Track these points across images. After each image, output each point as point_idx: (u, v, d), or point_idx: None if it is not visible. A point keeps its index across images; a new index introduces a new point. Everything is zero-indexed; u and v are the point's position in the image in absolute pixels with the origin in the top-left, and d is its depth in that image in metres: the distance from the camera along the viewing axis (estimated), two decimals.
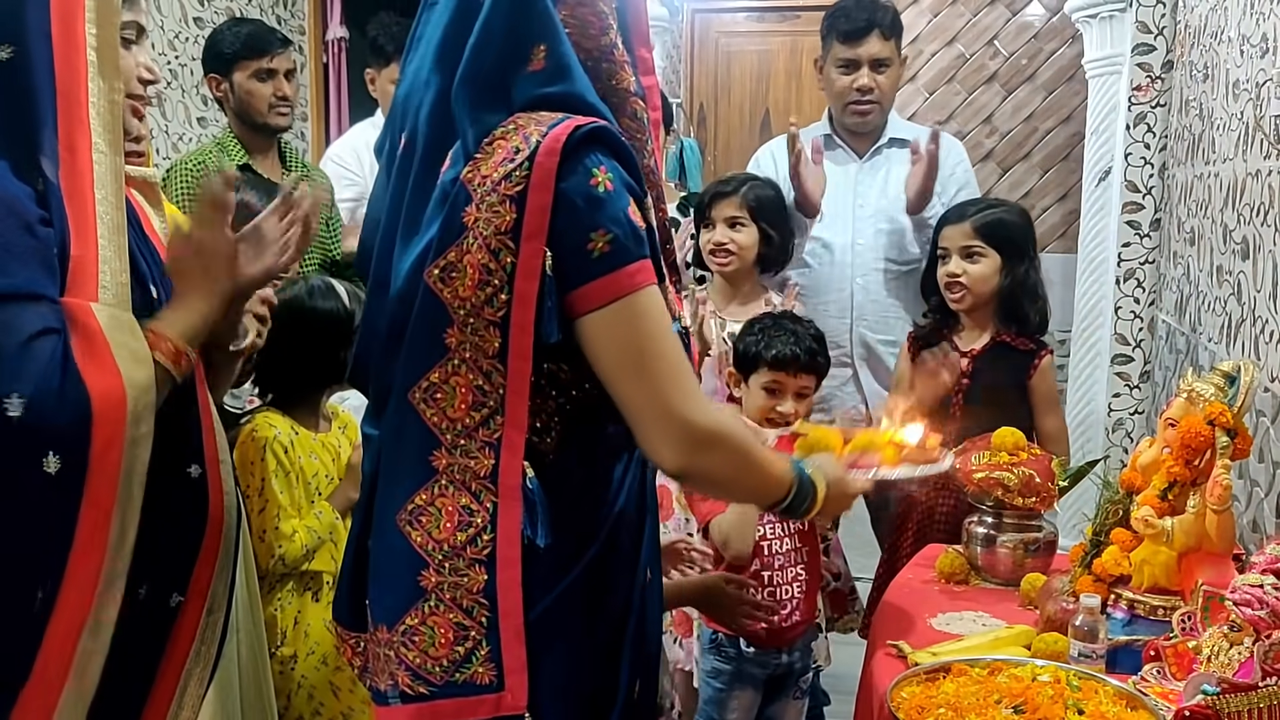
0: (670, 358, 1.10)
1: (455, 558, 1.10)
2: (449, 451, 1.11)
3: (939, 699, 1.34)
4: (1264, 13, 2.14)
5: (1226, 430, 1.48)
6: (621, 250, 1.06)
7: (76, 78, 1.22)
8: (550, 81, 1.10)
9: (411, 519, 1.12)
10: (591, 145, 1.06)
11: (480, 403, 1.09)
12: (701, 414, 1.11)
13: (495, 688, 1.09)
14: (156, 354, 1.23)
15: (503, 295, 1.06)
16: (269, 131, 2.70)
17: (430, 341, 1.10)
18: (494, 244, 1.06)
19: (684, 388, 1.10)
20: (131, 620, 1.27)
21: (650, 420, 1.10)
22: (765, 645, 1.97)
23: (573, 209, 1.05)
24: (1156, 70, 3.18)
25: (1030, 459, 1.92)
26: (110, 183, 1.25)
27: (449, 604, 1.10)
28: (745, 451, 1.18)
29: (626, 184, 1.09)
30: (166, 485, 1.31)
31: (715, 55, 5.25)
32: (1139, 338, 3.30)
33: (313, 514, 1.86)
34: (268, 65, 2.64)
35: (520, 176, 1.05)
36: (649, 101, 1.20)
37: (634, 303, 1.07)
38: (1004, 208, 2.38)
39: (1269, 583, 1.27)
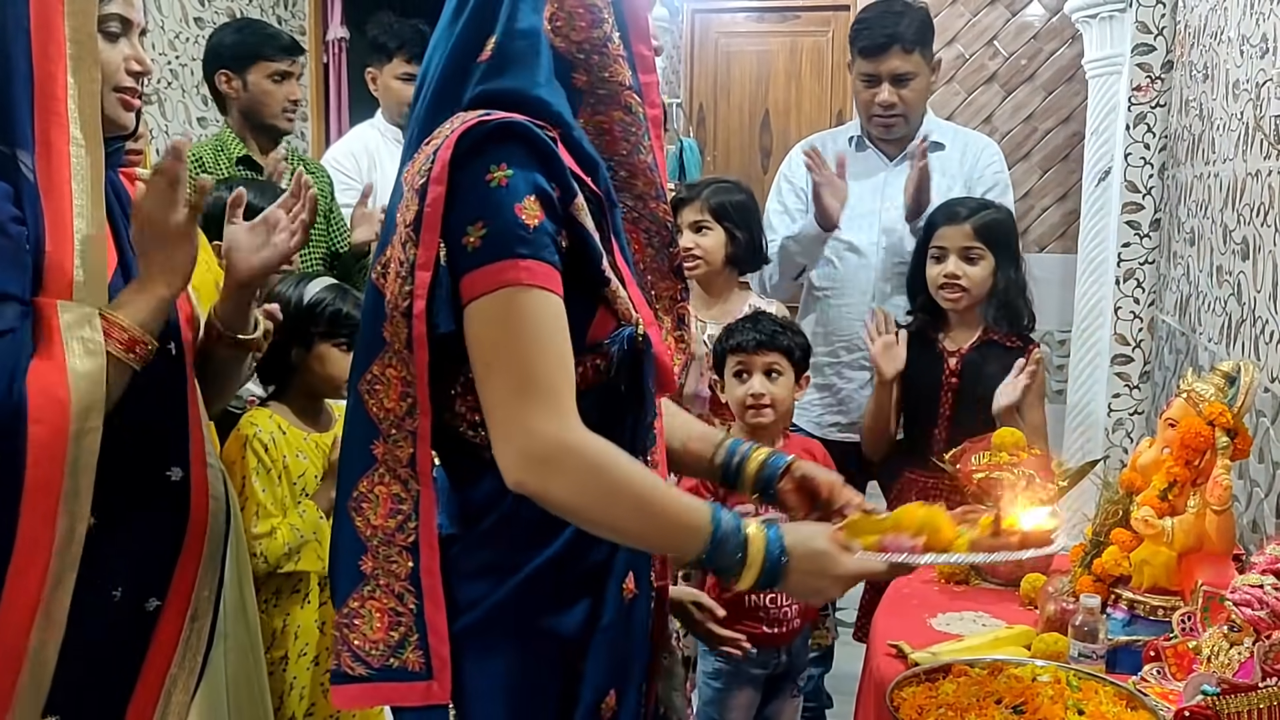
0: (531, 363, 1.05)
1: (388, 544, 1.13)
2: (384, 440, 1.13)
3: (939, 699, 1.34)
4: (1264, 13, 2.14)
5: (1226, 430, 1.48)
6: (495, 245, 1.04)
7: (54, 72, 1.22)
8: (492, 75, 1.10)
9: (356, 505, 1.15)
10: (503, 141, 1.06)
11: (406, 393, 1.11)
12: (552, 428, 1.04)
13: (424, 675, 1.12)
14: (110, 343, 1.22)
15: (407, 286, 1.08)
16: (273, 133, 2.70)
17: (372, 335, 1.13)
18: (404, 236, 1.08)
19: (540, 397, 1.04)
20: (107, 623, 1.28)
21: (493, 424, 1.07)
22: (765, 645, 1.97)
23: (462, 202, 1.06)
24: (1156, 70, 3.18)
25: (1030, 459, 1.92)
26: (88, 175, 1.25)
27: (384, 589, 1.13)
28: (611, 482, 1.07)
29: (532, 183, 1.06)
30: (144, 487, 1.31)
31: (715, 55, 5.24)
32: (1139, 338, 3.30)
33: (296, 513, 1.85)
34: (285, 69, 2.65)
35: (425, 170, 1.07)
36: (647, 98, 1.19)
37: (500, 299, 1.05)
38: (994, 208, 2.39)
39: (1269, 583, 1.27)
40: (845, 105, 4.96)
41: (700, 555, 1.11)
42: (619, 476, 1.09)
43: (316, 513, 1.86)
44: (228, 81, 2.67)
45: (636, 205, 1.23)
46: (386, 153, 3.08)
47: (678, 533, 1.12)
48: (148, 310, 1.27)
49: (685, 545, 1.12)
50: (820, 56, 5.12)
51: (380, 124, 3.19)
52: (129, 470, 1.28)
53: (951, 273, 2.30)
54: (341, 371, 1.90)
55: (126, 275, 1.32)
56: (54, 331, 1.19)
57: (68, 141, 1.23)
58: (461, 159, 1.05)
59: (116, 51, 1.31)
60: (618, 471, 1.09)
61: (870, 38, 2.60)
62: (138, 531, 1.31)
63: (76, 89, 1.24)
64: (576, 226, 1.10)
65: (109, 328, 1.23)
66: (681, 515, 1.12)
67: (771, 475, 1.35)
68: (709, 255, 2.42)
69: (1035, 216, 4.36)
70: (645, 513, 1.10)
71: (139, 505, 1.30)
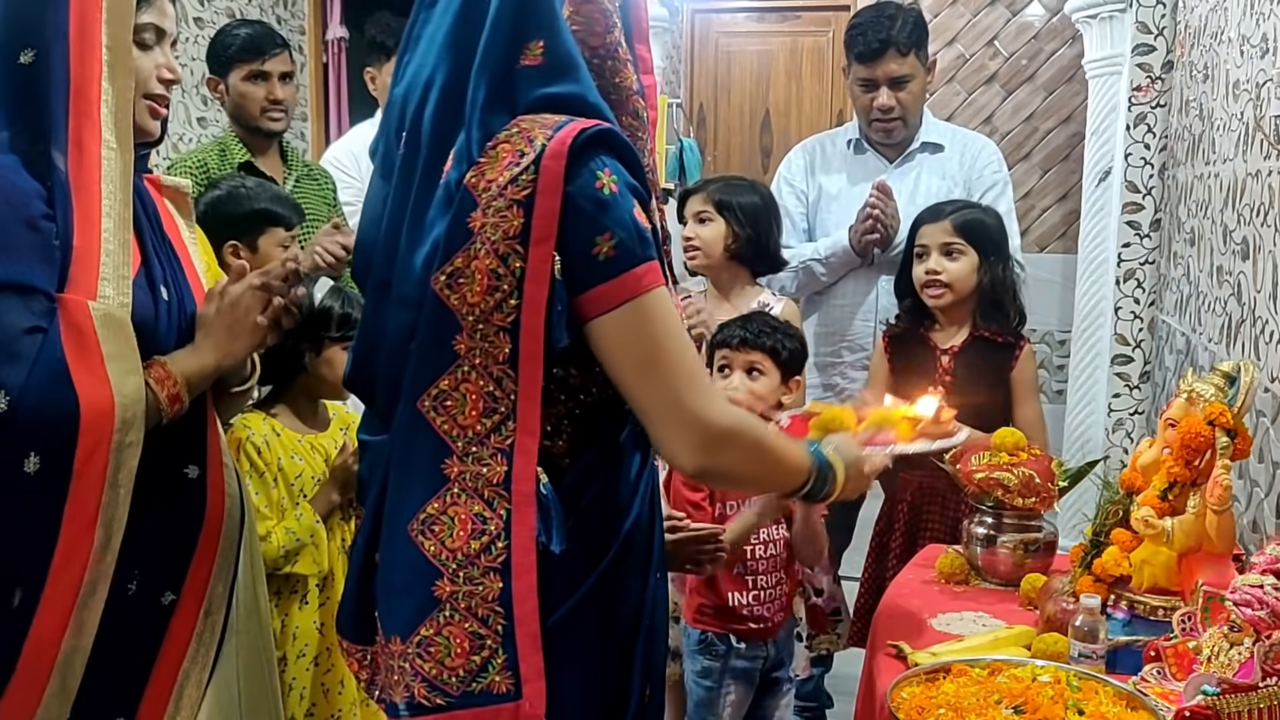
0: (682, 358, 1.10)
1: (470, 566, 1.08)
2: (461, 459, 1.09)
3: (939, 699, 1.33)
4: (1264, 13, 2.14)
5: (1226, 430, 1.48)
6: (628, 253, 1.06)
7: (90, 77, 1.24)
8: (550, 80, 1.09)
9: (424, 528, 1.10)
10: (596, 148, 1.06)
11: (491, 409, 1.08)
12: (716, 412, 1.12)
13: (513, 696, 1.08)
14: (157, 386, 1.26)
15: (512, 300, 1.06)
16: (265, 134, 2.69)
17: (439, 348, 1.09)
18: (502, 249, 1.05)
19: (697, 387, 1.11)
20: (121, 616, 1.28)
21: (666, 421, 1.10)
22: (752, 639, 1.99)
23: (579, 212, 1.05)
24: (1156, 71, 3.18)
25: (1030, 459, 1.92)
26: (118, 178, 1.26)
27: (464, 613, 1.08)
28: (762, 445, 1.18)
29: (631, 186, 1.08)
30: (162, 483, 1.32)
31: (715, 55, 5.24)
32: (1139, 338, 3.30)
33: (293, 516, 1.85)
34: (260, 68, 2.62)
35: (527, 181, 1.04)
36: (647, 100, 1.20)
37: (643, 304, 1.07)
38: (978, 208, 2.39)
39: (1269, 583, 1.27)
40: (845, 105, 4.96)
41: (807, 487, 1.26)
42: (766, 441, 1.19)
43: (313, 516, 1.86)
44: (214, 86, 2.66)
45: None
46: None
47: (797, 474, 1.25)
48: (196, 373, 1.33)
49: (795, 482, 1.25)
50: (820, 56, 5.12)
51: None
52: (148, 467, 1.29)
53: (932, 269, 2.30)
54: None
55: (150, 278, 1.34)
56: (87, 334, 1.20)
57: (100, 144, 1.25)
58: (567, 168, 1.04)
59: (149, 60, 1.33)
60: (764, 436, 1.19)
61: (865, 43, 2.59)
62: (155, 527, 1.31)
63: (111, 94, 1.26)
64: (653, 226, 1.12)
65: (163, 375, 1.28)
66: (799, 459, 1.25)
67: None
68: (707, 246, 2.42)
69: (1035, 216, 4.36)
70: (783, 465, 1.23)
71: (157, 501, 1.31)
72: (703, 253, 2.43)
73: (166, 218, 1.44)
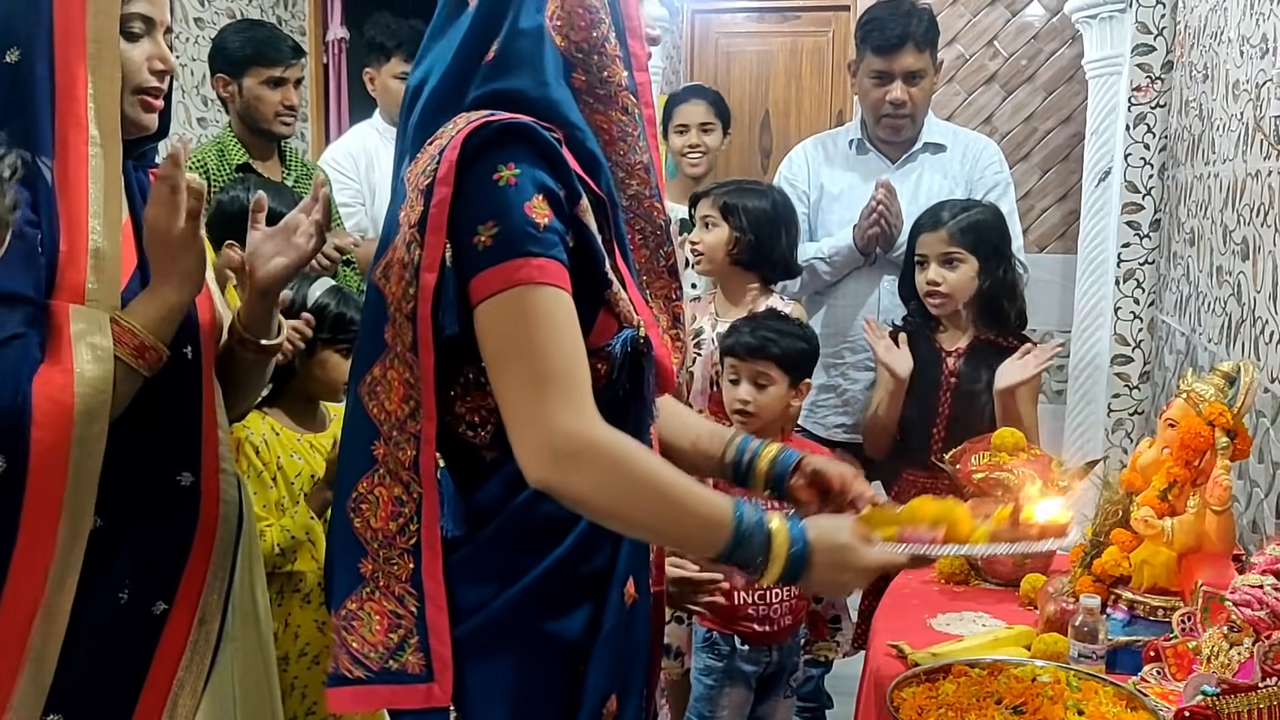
0: (549, 360, 1.05)
1: (389, 546, 1.12)
2: (385, 442, 1.13)
3: (939, 699, 1.34)
4: (1264, 13, 2.14)
5: (1226, 431, 1.48)
6: (506, 244, 1.04)
7: (74, 73, 1.23)
8: (495, 75, 1.10)
9: (355, 506, 1.14)
10: (510, 142, 1.06)
11: (408, 396, 1.11)
12: (573, 424, 1.04)
13: (425, 678, 1.11)
14: (119, 349, 1.23)
15: (412, 289, 1.08)
16: (271, 137, 2.69)
17: (373, 337, 1.13)
18: (408, 237, 1.08)
19: (559, 394, 1.04)
20: (113, 625, 1.28)
21: (512, 422, 1.06)
22: (757, 643, 1.98)
23: (468, 201, 1.06)
24: (1156, 71, 3.18)
25: (1030, 459, 1.92)
26: (106, 177, 1.25)
27: (384, 591, 1.12)
28: (634, 475, 1.07)
29: (539, 183, 1.06)
30: (153, 491, 1.31)
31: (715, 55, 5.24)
32: (1139, 338, 3.29)
33: (289, 514, 1.85)
34: (280, 75, 2.63)
35: (430, 170, 1.06)
36: (641, 97, 1.19)
37: (514, 298, 1.05)
38: (978, 209, 2.37)
39: (1269, 583, 1.27)
40: (845, 105, 4.95)
41: (724, 550, 1.10)
42: (642, 471, 1.08)
43: (307, 514, 1.86)
44: (224, 85, 2.66)
45: (631, 205, 1.22)
46: (385, 153, 3.07)
47: (701, 528, 1.10)
48: (157, 316, 1.27)
49: (709, 540, 1.10)
50: (820, 56, 5.11)
51: (379, 124, 3.18)
52: (139, 474, 1.29)
53: (932, 279, 2.31)
54: (342, 375, 1.90)
55: (145, 277, 1.32)
56: (64, 337, 1.20)
57: (86, 142, 1.24)
58: (468, 159, 1.05)
59: (139, 50, 1.31)
60: (641, 466, 1.08)
61: (884, 35, 2.58)
62: (146, 535, 1.31)
63: (95, 89, 1.24)
64: (581, 228, 1.10)
65: (119, 333, 1.24)
66: (705, 510, 1.10)
67: (783, 472, 1.34)
68: (710, 251, 2.41)
69: (1035, 216, 4.35)
70: (668, 507, 1.09)
71: (148, 509, 1.31)
72: (705, 258, 2.42)
73: None
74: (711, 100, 3.18)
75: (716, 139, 3.14)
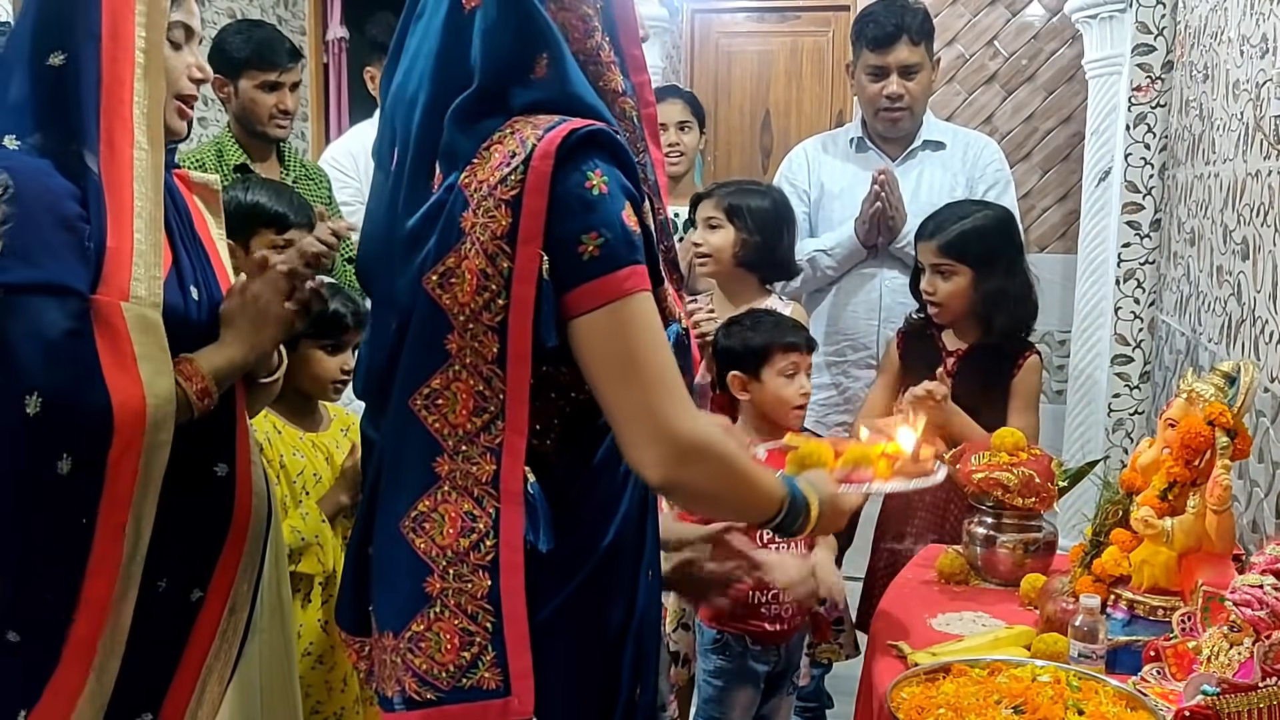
0: (658, 365, 1.08)
1: (459, 564, 1.09)
2: (451, 457, 1.10)
3: (939, 699, 1.34)
4: (1264, 13, 2.14)
5: (1226, 430, 1.48)
6: (612, 254, 1.05)
7: (122, 78, 1.25)
8: (547, 81, 1.10)
9: (415, 525, 1.11)
10: (588, 148, 1.06)
11: (481, 408, 1.09)
12: (688, 424, 1.08)
13: (502, 693, 1.09)
14: (185, 383, 1.27)
15: (500, 300, 1.06)
16: (268, 139, 2.69)
17: (430, 348, 1.10)
18: (490, 249, 1.05)
19: (671, 396, 1.08)
20: (150, 613, 1.29)
21: (634, 428, 1.08)
22: (767, 642, 1.98)
23: (567, 212, 1.05)
24: (1156, 71, 3.18)
25: (1030, 459, 1.92)
26: (150, 178, 1.27)
27: (454, 610, 1.09)
28: (733, 466, 1.14)
29: (623, 187, 1.08)
30: (191, 481, 1.33)
31: (715, 55, 5.24)
32: (1139, 338, 3.30)
33: (299, 515, 1.84)
34: (275, 78, 2.63)
35: (515, 181, 1.04)
36: (641, 98, 1.20)
37: (623, 308, 1.06)
38: (976, 215, 2.31)
39: (1269, 583, 1.27)
40: (845, 105, 4.95)
41: (777, 518, 1.20)
42: (739, 460, 1.16)
43: (319, 516, 1.86)
44: (221, 86, 2.66)
45: None
46: None
47: (769, 503, 1.20)
48: (223, 369, 1.33)
49: (770, 510, 1.20)
50: (820, 56, 5.11)
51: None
52: (178, 465, 1.30)
53: (926, 290, 2.31)
54: (327, 372, 1.91)
55: (180, 277, 1.34)
56: (120, 335, 1.21)
57: (132, 144, 1.25)
58: (558, 168, 1.04)
59: (180, 59, 1.34)
60: (737, 455, 1.16)
61: (879, 29, 2.61)
62: (184, 524, 1.32)
63: (144, 95, 1.26)
64: (645, 229, 1.11)
65: (190, 371, 1.28)
66: (771, 487, 1.20)
67: None
68: (717, 253, 2.40)
69: (1035, 216, 4.35)
70: (754, 491, 1.18)
71: (186, 499, 1.32)
72: (712, 260, 2.41)
73: (196, 215, 1.45)
74: (687, 99, 3.17)
75: (694, 138, 3.13)
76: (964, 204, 2.43)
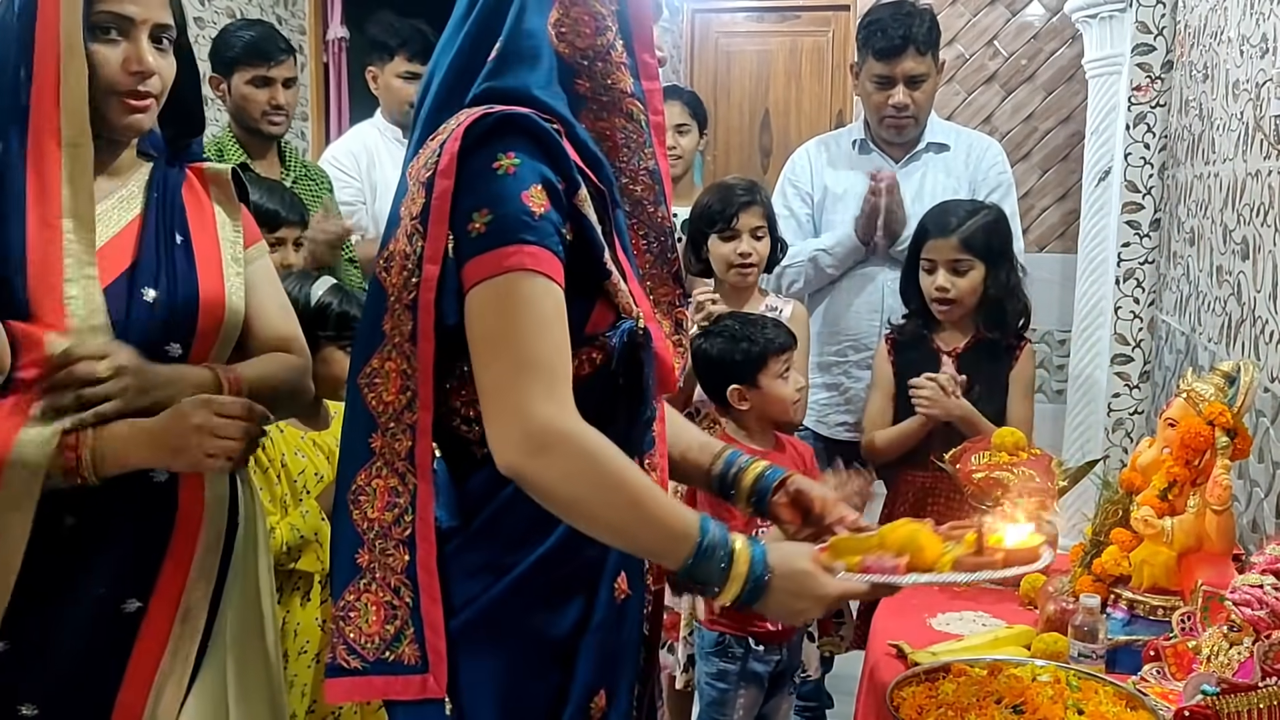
0: (531, 347, 1.05)
1: (384, 538, 1.13)
2: (382, 434, 1.14)
3: (939, 699, 1.34)
4: (1264, 13, 2.14)
5: (1226, 430, 1.48)
6: (499, 231, 1.05)
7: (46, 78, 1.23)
8: (495, 73, 1.12)
9: (354, 498, 1.15)
10: (504, 132, 1.07)
11: (405, 386, 1.12)
12: (549, 413, 1.04)
13: (420, 669, 1.12)
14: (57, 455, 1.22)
15: (414, 279, 1.09)
16: (264, 136, 2.69)
17: (372, 329, 1.14)
18: (409, 229, 1.09)
19: (538, 381, 1.04)
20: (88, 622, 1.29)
21: (488, 408, 1.07)
22: (770, 642, 1.99)
23: (468, 189, 1.07)
24: (1156, 70, 3.18)
25: (1030, 459, 1.92)
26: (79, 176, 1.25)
27: (380, 583, 1.13)
28: (603, 469, 1.06)
29: (539, 173, 1.07)
30: (125, 488, 1.29)
31: (715, 55, 5.23)
32: (1139, 338, 3.29)
33: (299, 513, 1.84)
34: (266, 73, 2.62)
35: (431, 163, 1.08)
36: (650, 105, 1.20)
37: (503, 283, 1.05)
38: (984, 211, 2.37)
39: (1269, 583, 1.27)
40: (845, 105, 4.95)
41: (685, 563, 1.09)
42: (612, 469, 1.07)
43: (318, 514, 1.86)
44: (216, 85, 2.66)
45: (636, 211, 1.23)
46: (386, 152, 3.07)
47: (665, 536, 1.10)
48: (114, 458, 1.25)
49: (671, 550, 1.10)
50: (820, 56, 5.11)
51: (380, 123, 3.18)
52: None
53: (942, 286, 2.31)
54: (344, 373, 1.89)
55: (135, 278, 1.31)
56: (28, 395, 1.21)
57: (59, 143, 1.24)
58: (468, 151, 1.06)
59: (115, 52, 1.28)
60: (611, 464, 1.07)
61: (886, 40, 2.58)
62: (118, 532, 1.31)
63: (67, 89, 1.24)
64: (580, 218, 1.10)
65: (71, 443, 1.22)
66: (671, 518, 1.10)
67: (766, 488, 1.34)
68: (762, 261, 2.42)
69: (1035, 216, 4.35)
70: (634, 510, 1.08)
71: (120, 506, 1.30)
72: (757, 268, 2.41)
73: (194, 207, 1.41)
74: (687, 101, 3.14)
75: (693, 140, 3.09)
76: (960, 202, 2.45)
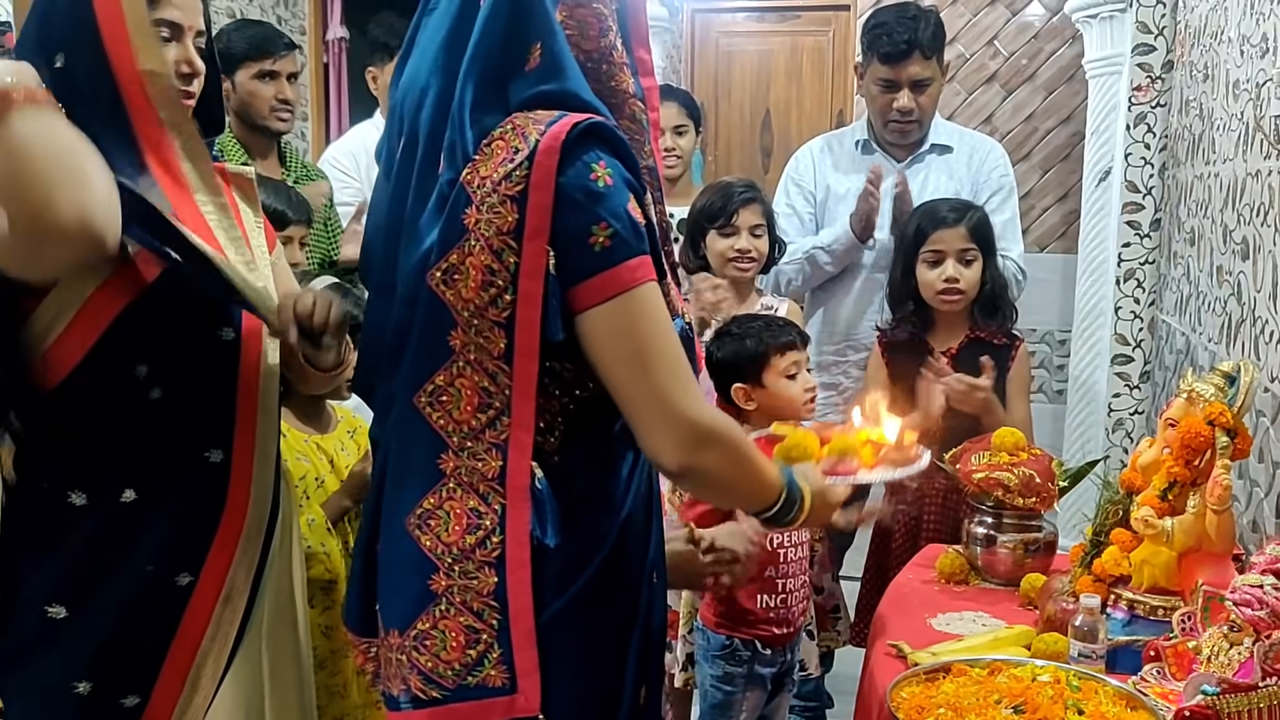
0: (669, 354, 1.09)
1: (465, 560, 1.09)
2: (456, 454, 1.10)
3: (939, 699, 1.34)
4: (1264, 13, 2.14)
5: (1226, 430, 1.48)
6: (622, 245, 1.06)
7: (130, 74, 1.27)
8: (545, 79, 1.10)
9: (420, 523, 1.11)
10: (590, 141, 1.07)
11: (486, 404, 1.09)
12: (701, 411, 1.10)
13: (508, 690, 1.09)
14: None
15: (507, 296, 1.06)
16: (268, 133, 2.69)
17: (434, 344, 1.10)
18: (496, 245, 1.06)
19: (683, 384, 1.09)
20: (139, 594, 1.31)
21: (650, 417, 1.09)
22: (776, 644, 1.99)
23: (573, 205, 1.05)
24: (1156, 70, 3.18)
25: (1030, 459, 1.92)
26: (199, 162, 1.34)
27: (459, 607, 1.09)
28: (742, 451, 1.16)
29: (626, 179, 1.08)
30: (181, 466, 1.33)
31: (715, 55, 5.23)
32: (1139, 338, 3.30)
33: (304, 520, 1.84)
34: (270, 67, 2.62)
35: (520, 176, 1.05)
36: (648, 103, 1.20)
37: (633, 298, 1.07)
38: (974, 208, 2.40)
39: (1269, 583, 1.27)
40: (846, 105, 4.95)
41: (772, 507, 1.21)
42: (748, 447, 1.17)
43: (325, 523, 1.85)
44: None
45: None
46: None
47: (769, 491, 1.21)
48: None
49: (766, 500, 1.21)
50: (821, 56, 5.11)
51: (380, 123, 3.18)
52: (167, 448, 1.31)
53: (951, 276, 2.31)
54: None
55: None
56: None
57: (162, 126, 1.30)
58: (561, 163, 1.05)
59: (169, 53, 1.36)
60: (747, 444, 1.17)
61: (891, 43, 2.57)
62: (172, 508, 1.32)
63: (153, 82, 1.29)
64: (649, 221, 1.12)
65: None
66: (773, 476, 1.21)
67: None
68: (762, 258, 2.44)
69: (1035, 217, 4.35)
70: (759, 479, 1.19)
71: (175, 483, 1.32)
72: (756, 264, 2.44)
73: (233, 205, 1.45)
74: (683, 101, 3.13)
75: (690, 141, 3.09)
76: (947, 200, 2.47)
